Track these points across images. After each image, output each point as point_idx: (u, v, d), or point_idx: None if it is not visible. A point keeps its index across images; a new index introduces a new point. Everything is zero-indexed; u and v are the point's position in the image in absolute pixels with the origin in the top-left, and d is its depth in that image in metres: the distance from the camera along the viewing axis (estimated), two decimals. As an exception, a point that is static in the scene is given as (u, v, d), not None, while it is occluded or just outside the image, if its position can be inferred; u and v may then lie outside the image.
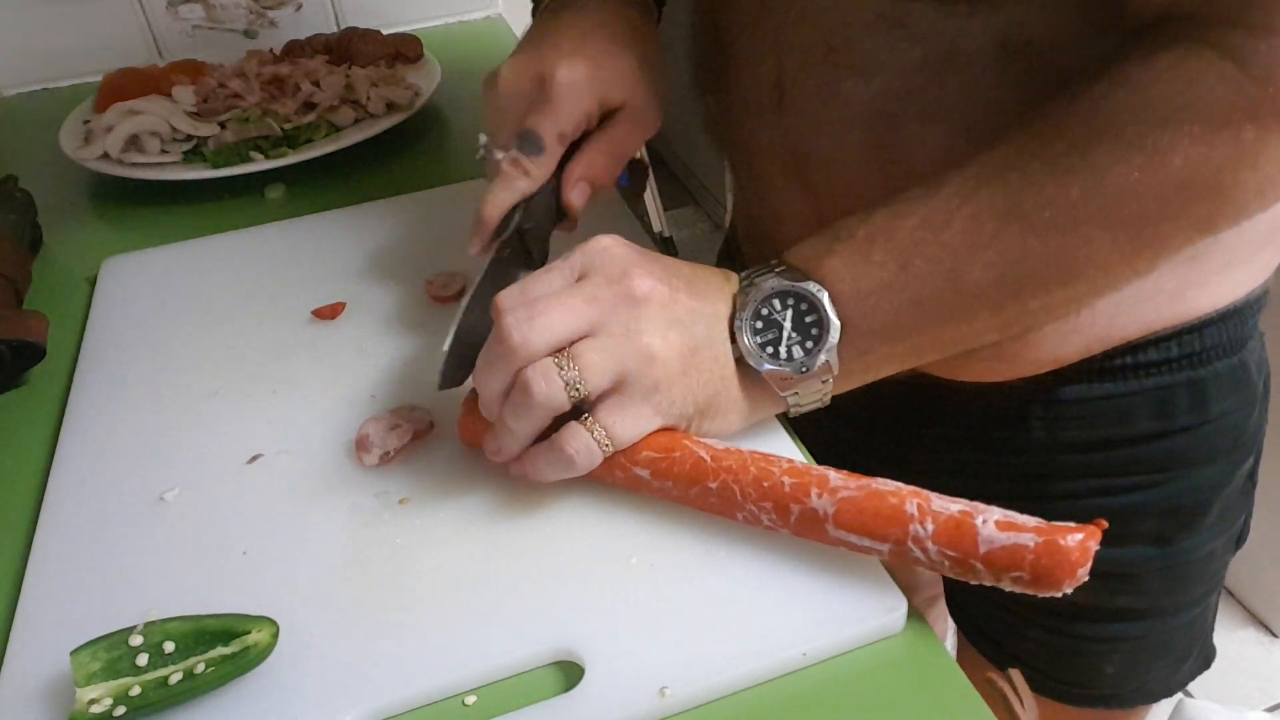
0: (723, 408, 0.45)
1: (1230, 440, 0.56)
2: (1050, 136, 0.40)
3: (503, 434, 0.44)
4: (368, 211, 0.73)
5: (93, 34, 1.08)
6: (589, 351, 0.42)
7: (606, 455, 0.43)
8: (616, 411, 0.42)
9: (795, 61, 0.49)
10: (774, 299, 0.44)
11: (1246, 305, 0.53)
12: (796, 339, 0.43)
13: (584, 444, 0.42)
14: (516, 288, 0.44)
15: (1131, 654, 0.62)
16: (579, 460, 0.42)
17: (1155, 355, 0.52)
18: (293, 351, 0.58)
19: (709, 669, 0.38)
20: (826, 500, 0.40)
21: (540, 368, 0.41)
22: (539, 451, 0.44)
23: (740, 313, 0.44)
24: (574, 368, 0.41)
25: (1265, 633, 1.47)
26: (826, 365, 0.43)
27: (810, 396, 0.45)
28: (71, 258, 0.74)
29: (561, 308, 0.42)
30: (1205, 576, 0.61)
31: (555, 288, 0.43)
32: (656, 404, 0.43)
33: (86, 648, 0.38)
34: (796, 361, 0.43)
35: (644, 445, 0.43)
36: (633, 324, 0.42)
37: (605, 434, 0.42)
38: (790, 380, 0.44)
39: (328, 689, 0.39)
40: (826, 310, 0.43)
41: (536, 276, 0.44)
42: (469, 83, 1.00)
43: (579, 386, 0.41)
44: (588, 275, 0.43)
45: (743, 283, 0.45)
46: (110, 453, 0.52)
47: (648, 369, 0.42)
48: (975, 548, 0.38)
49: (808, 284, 0.43)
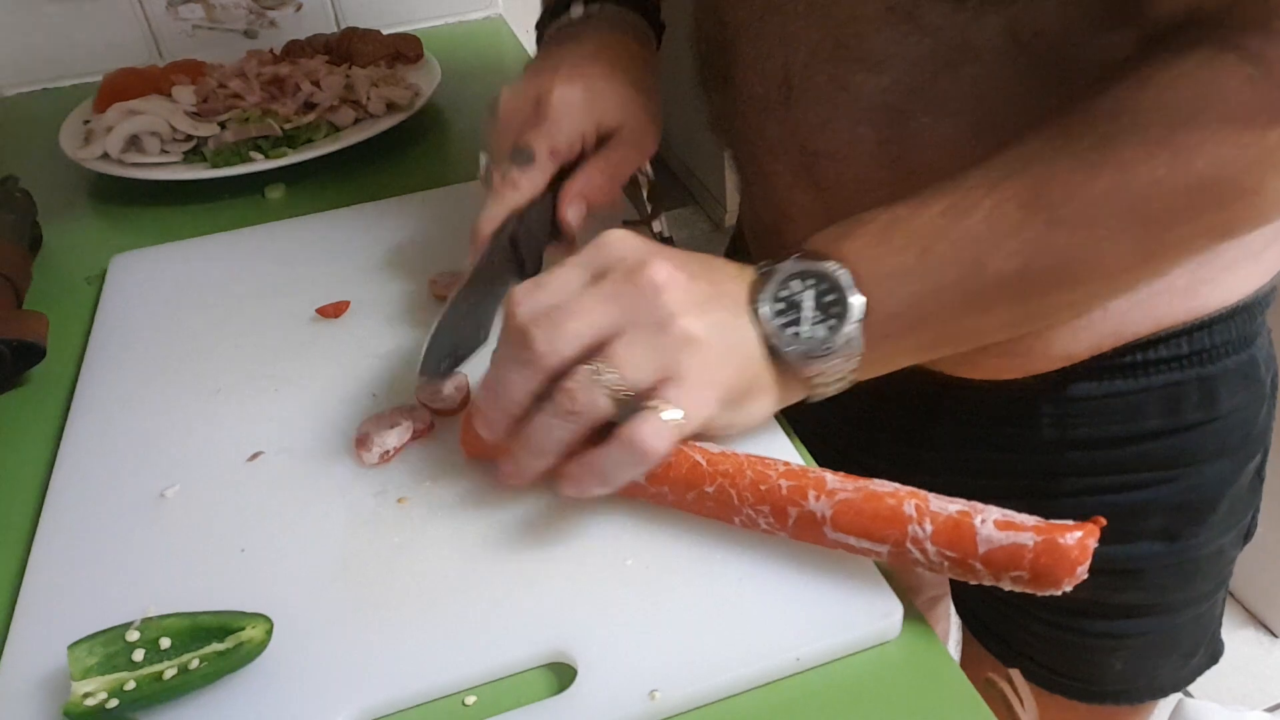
0: (759, 391, 0.43)
1: (1240, 436, 0.56)
2: (1076, 132, 0.40)
3: (527, 454, 0.42)
4: (369, 211, 0.73)
5: (93, 34, 1.08)
6: (622, 349, 0.40)
7: (683, 436, 0.41)
8: (675, 390, 0.40)
9: (803, 57, 0.49)
10: (793, 279, 0.42)
11: (1255, 301, 0.53)
12: (819, 317, 0.42)
13: (653, 429, 0.39)
14: (530, 288, 0.42)
15: (1140, 650, 0.62)
16: (654, 446, 0.39)
17: (1165, 352, 0.52)
18: (296, 349, 0.58)
19: (700, 673, 0.38)
20: (824, 503, 0.40)
21: (578, 376, 0.40)
22: (601, 455, 0.40)
23: (760, 295, 0.43)
24: (610, 370, 0.39)
25: (1265, 633, 1.47)
26: (849, 342, 0.42)
27: (833, 377, 0.43)
28: (71, 258, 0.74)
29: (585, 309, 0.40)
30: (1213, 572, 0.61)
31: (572, 288, 0.42)
32: (710, 381, 0.41)
33: (84, 642, 0.38)
34: (818, 339, 0.42)
35: None
36: (661, 312, 0.40)
37: (673, 412, 0.40)
38: (813, 359, 0.42)
39: (321, 686, 0.39)
40: (846, 288, 0.41)
41: (551, 274, 0.42)
42: (469, 83, 1.00)
43: (623, 388, 0.39)
44: (604, 272, 0.42)
45: (760, 270, 0.44)
46: (113, 449, 0.52)
47: (691, 351, 0.40)
48: (974, 548, 0.38)
49: (827, 263, 0.42)
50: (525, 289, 0.42)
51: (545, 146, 0.52)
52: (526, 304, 0.41)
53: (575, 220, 0.54)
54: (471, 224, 0.53)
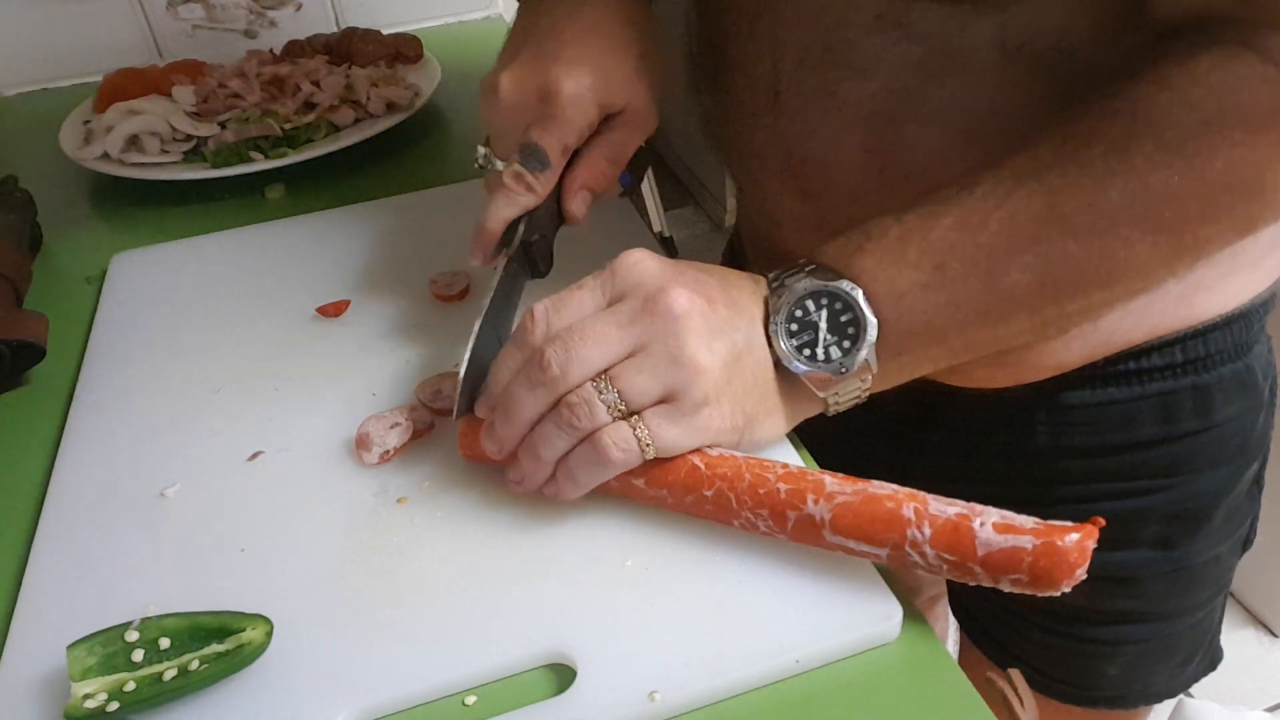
0: (768, 412, 0.44)
1: (1236, 445, 0.55)
2: (1088, 138, 0.39)
3: (531, 461, 0.43)
4: (369, 211, 0.73)
5: (93, 34, 1.08)
6: (628, 372, 0.41)
7: (648, 458, 0.42)
8: (664, 417, 0.41)
9: (791, 62, 0.49)
10: (807, 300, 0.42)
11: (1252, 309, 0.52)
12: (833, 339, 0.42)
13: (624, 440, 0.41)
14: (548, 307, 0.42)
15: (1135, 656, 0.62)
16: (617, 457, 0.41)
17: (1159, 360, 0.52)
18: (296, 349, 0.58)
19: (700, 674, 0.38)
20: (823, 506, 0.40)
21: (581, 392, 0.41)
22: (571, 455, 0.42)
23: (774, 316, 0.43)
24: (612, 389, 0.41)
25: (1265, 633, 1.47)
26: (866, 364, 0.42)
27: (848, 395, 0.44)
28: (71, 258, 0.74)
29: (601, 335, 0.41)
30: (1210, 580, 0.60)
31: (588, 310, 0.42)
32: (708, 419, 0.42)
33: (83, 643, 0.38)
34: (835, 363, 0.42)
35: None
36: (674, 340, 0.41)
37: (649, 434, 0.41)
38: (829, 381, 0.43)
39: (321, 687, 0.39)
40: (862, 309, 0.42)
41: (569, 295, 0.43)
42: (469, 83, 1.00)
43: (620, 408, 0.41)
44: (622, 295, 0.42)
45: (772, 284, 0.44)
46: (113, 448, 0.52)
47: (697, 382, 0.41)
48: (973, 551, 0.38)
49: (841, 283, 0.42)
50: (542, 309, 0.42)
51: (558, 147, 0.50)
52: (543, 325, 0.42)
53: (581, 211, 0.54)
54: (477, 221, 0.51)
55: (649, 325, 0.41)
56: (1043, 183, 0.40)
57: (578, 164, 0.53)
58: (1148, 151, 0.38)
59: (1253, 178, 0.38)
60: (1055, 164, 0.40)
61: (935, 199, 0.42)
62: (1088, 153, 0.39)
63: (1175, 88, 0.38)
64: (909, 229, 0.42)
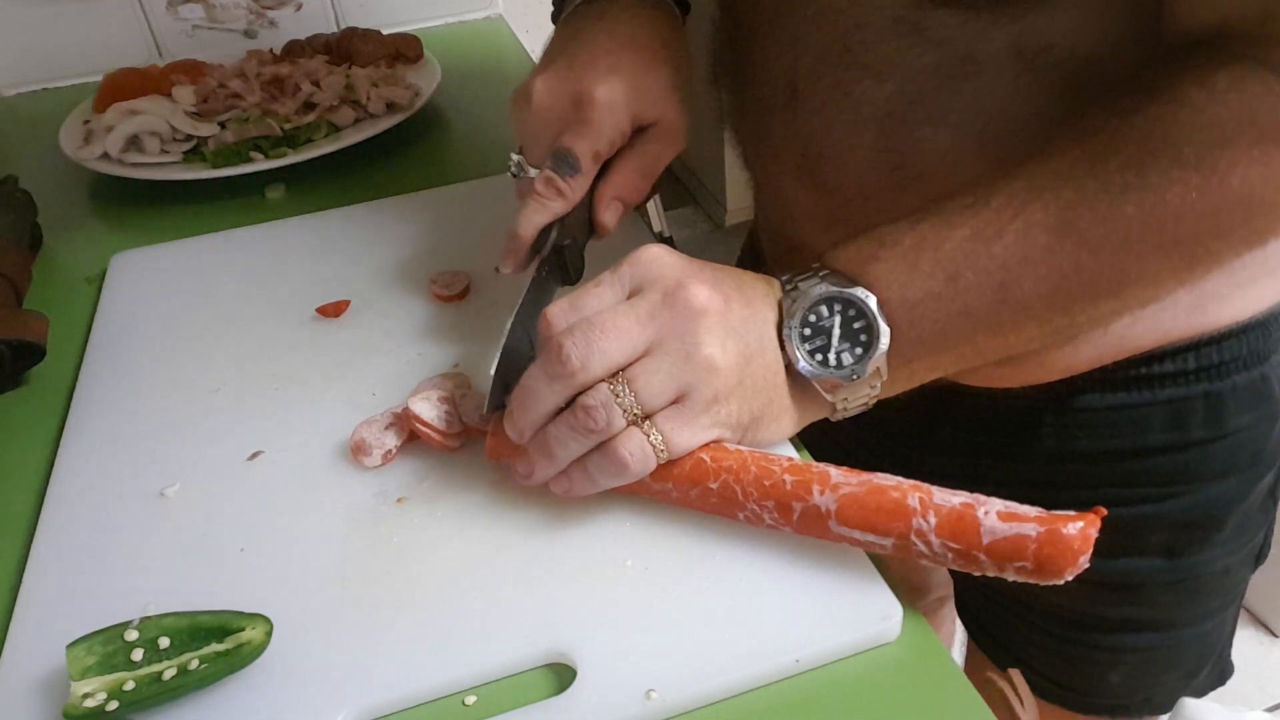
0: (774, 415, 0.44)
1: (1248, 455, 0.55)
2: (1105, 152, 0.39)
3: (543, 458, 0.43)
4: (369, 211, 0.73)
5: (93, 34, 1.08)
6: (645, 374, 0.41)
7: (661, 462, 0.42)
8: (675, 420, 0.42)
9: (810, 61, 0.49)
10: (821, 305, 0.43)
11: (1270, 319, 0.52)
12: (845, 345, 0.43)
13: (639, 448, 0.41)
14: (566, 304, 0.43)
15: (1139, 665, 0.62)
16: (634, 465, 0.41)
17: (1171, 366, 0.51)
18: (296, 349, 0.58)
19: (700, 674, 0.38)
20: (829, 497, 0.40)
21: (598, 395, 0.41)
22: (589, 459, 0.43)
23: (788, 320, 0.43)
24: (630, 392, 0.41)
25: (1265, 633, 1.47)
26: (877, 371, 0.42)
27: (857, 401, 0.44)
28: (71, 258, 0.74)
29: (619, 328, 0.41)
30: (1219, 591, 0.60)
31: (607, 305, 0.42)
32: (715, 415, 0.42)
33: (82, 642, 0.38)
34: (847, 369, 0.42)
35: None
36: (690, 338, 0.41)
37: (663, 440, 0.41)
38: (839, 386, 0.43)
39: (321, 687, 0.39)
40: (875, 316, 0.42)
41: (587, 292, 0.43)
42: (469, 83, 1.00)
43: (636, 411, 0.41)
44: (641, 290, 0.43)
45: (786, 288, 0.44)
46: (113, 447, 0.52)
47: (709, 380, 0.41)
48: (978, 539, 0.38)
49: (855, 289, 0.42)
50: (561, 306, 0.43)
51: (590, 152, 0.51)
52: (562, 319, 0.42)
53: (612, 222, 0.54)
54: (508, 228, 0.52)
55: (668, 320, 0.41)
56: (1059, 196, 0.40)
57: (609, 175, 0.53)
58: (1164, 168, 0.38)
59: (1268, 194, 0.38)
60: (1072, 178, 0.40)
61: (949, 207, 0.42)
62: (1104, 167, 0.39)
63: (1193, 106, 0.38)
64: (923, 237, 0.42)
